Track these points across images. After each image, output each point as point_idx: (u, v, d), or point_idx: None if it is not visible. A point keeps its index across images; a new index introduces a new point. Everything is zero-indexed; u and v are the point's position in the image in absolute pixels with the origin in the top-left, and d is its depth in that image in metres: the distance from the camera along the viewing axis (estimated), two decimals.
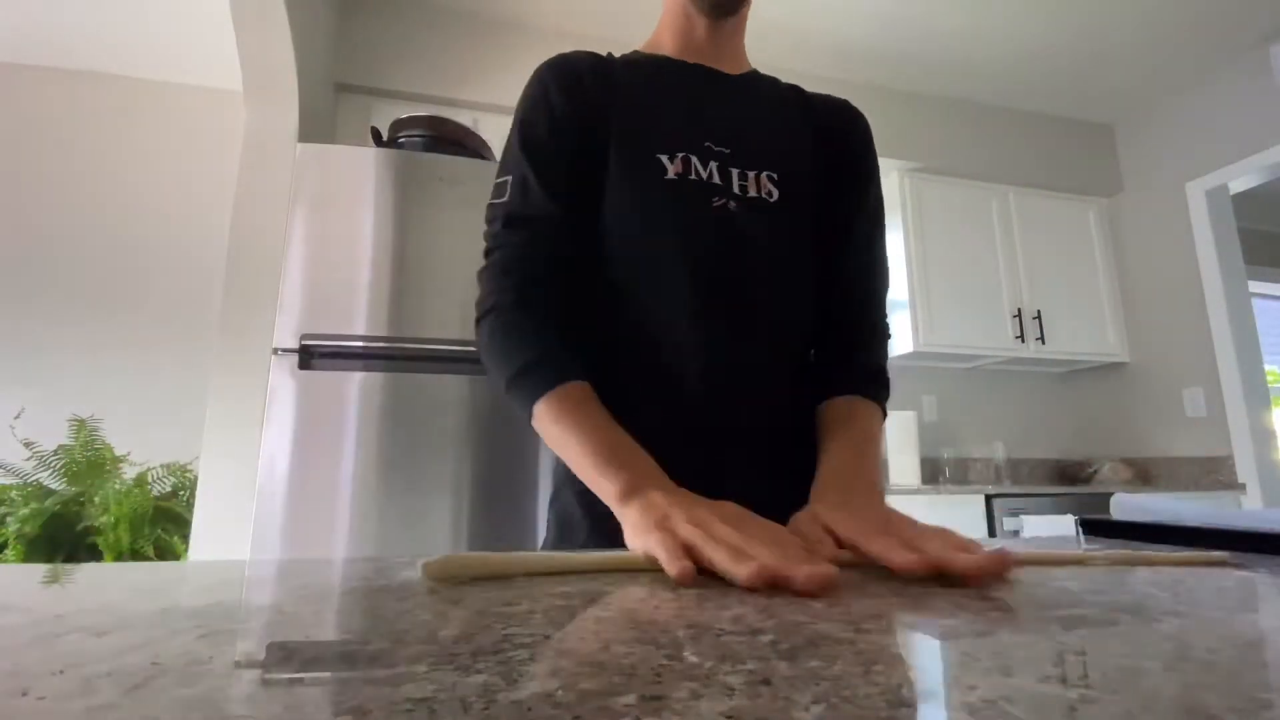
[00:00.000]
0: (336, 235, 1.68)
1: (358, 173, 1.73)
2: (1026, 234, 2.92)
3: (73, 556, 1.89)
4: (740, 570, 0.32)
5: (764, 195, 0.65)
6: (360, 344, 1.62)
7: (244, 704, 0.16)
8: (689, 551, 0.36)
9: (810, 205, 0.69)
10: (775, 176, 0.66)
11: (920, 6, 2.45)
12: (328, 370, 1.61)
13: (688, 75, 0.70)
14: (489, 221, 0.65)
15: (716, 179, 0.64)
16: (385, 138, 1.94)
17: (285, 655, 0.21)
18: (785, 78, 0.78)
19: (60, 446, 2.06)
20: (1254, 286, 3.20)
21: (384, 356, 1.63)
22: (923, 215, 2.79)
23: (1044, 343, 2.81)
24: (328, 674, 0.19)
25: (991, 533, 2.24)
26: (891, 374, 0.72)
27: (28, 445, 2.03)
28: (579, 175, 0.64)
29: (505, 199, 0.64)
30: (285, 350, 1.59)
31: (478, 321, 0.63)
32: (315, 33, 2.06)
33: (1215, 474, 2.64)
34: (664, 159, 0.63)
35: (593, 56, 0.69)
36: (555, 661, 0.19)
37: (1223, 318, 2.65)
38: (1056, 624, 0.25)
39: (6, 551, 1.79)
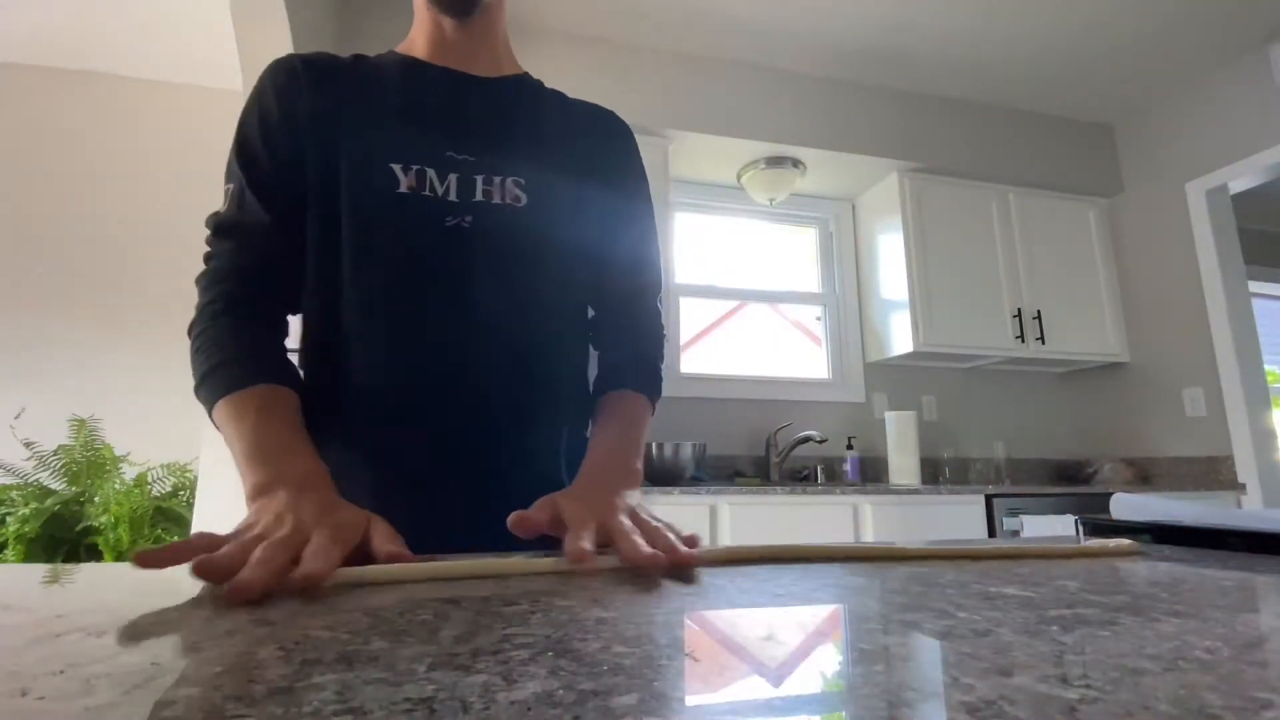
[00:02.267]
0: None
1: None
2: (1026, 234, 2.92)
3: (73, 556, 1.89)
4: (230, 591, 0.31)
5: (510, 202, 0.64)
6: None
7: (244, 704, 0.16)
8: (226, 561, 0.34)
9: (565, 208, 0.68)
10: (523, 181, 0.65)
11: (920, 7, 2.45)
12: None
13: (434, 79, 0.67)
14: (207, 228, 0.63)
15: (454, 194, 0.62)
16: None
17: (285, 655, 0.21)
18: (786, 77, 0.79)
19: (60, 446, 2.06)
20: (1254, 286, 3.20)
21: None
22: (923, 215, 2.79)
23: (1044, 343, 2.81)
24: (328, 674, 0.19)
25: (992, 533, 2.24)
26: (892, 374, 0.73)
27: (28, 445, 2.03)
28: (293, 181, 0.62)
29: (222, 208, 0.63)
30: (285, 350, 1.59)
31: (189, 331, 0.61)
32: (315, 33, 2.06)
33: (1215, 474, 2.64)
34: (397, 169, 0.61)
35: (324, 57, 0.67)
36: (555, 661, 0.19)
37: (1223, 318, 2.65)
38: (1056, 624, 0.25)
39: (6, 551, 1.79)
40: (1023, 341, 2.77)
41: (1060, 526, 2.23)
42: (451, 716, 0.15)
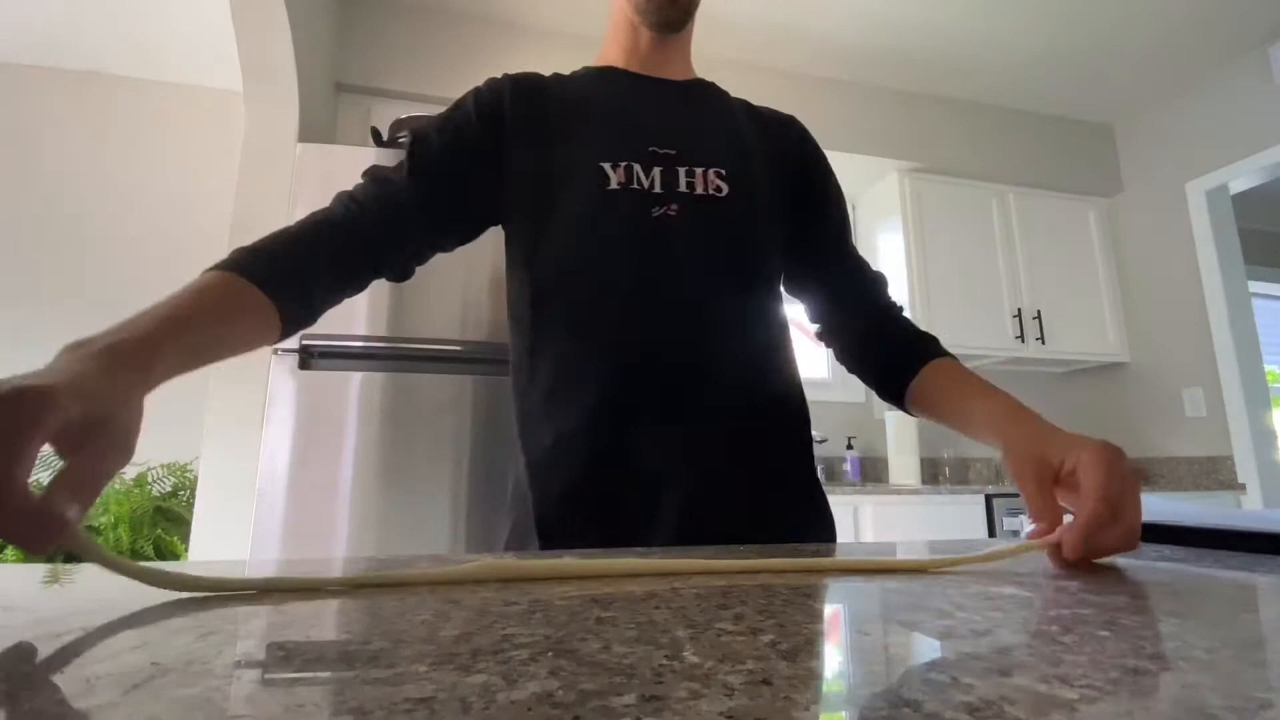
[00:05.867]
0: None
1: (358, 173, 1.73)
2: (1026, 234, 2.92)
3: (73, 556, 1.88)
4: None
5: (712, 191, 0.68)
6: (360, 344, 1.62)
7: (244, 704, 0.16)
8: None
9: (763, 199, 0.71)
10: (724, 173, 0.69)
11: (920, 7, 2.45)
12: (328, 370, 1.61)
13: (633, 83, 0.74)
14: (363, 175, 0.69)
15: (659, 186, 0.66)
16: (385, 138, 1.94)
17: (285, 655, 0.21)
18: (786, 78, 0.80)
19: None
20: (1254, 286, 3.19)
21: (383, 356, 1.62)
22: (923, 215, 2.79)
23: (1044, 343, 2.81)
24: (328, 674, 0.19)
25: (991, 533, 2.24)
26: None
27: None
28: (453, 171, 0.67)
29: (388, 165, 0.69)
30: (285, 350, 1.59)
31: None
32: (315, 33, 2.06)
33: (1215, 474, 2.64)
34: (607, 167, 0.65)
35: (529, 75, 0.72)
36: (555, 661, 0.19)
37: (1223, 318, 2.65)
38: (1057, 624, 0.25)
39: (6, 551, 1.79)
40: (1023, 341, 2.77)
41: None
42: (451, 716, 0.15)
